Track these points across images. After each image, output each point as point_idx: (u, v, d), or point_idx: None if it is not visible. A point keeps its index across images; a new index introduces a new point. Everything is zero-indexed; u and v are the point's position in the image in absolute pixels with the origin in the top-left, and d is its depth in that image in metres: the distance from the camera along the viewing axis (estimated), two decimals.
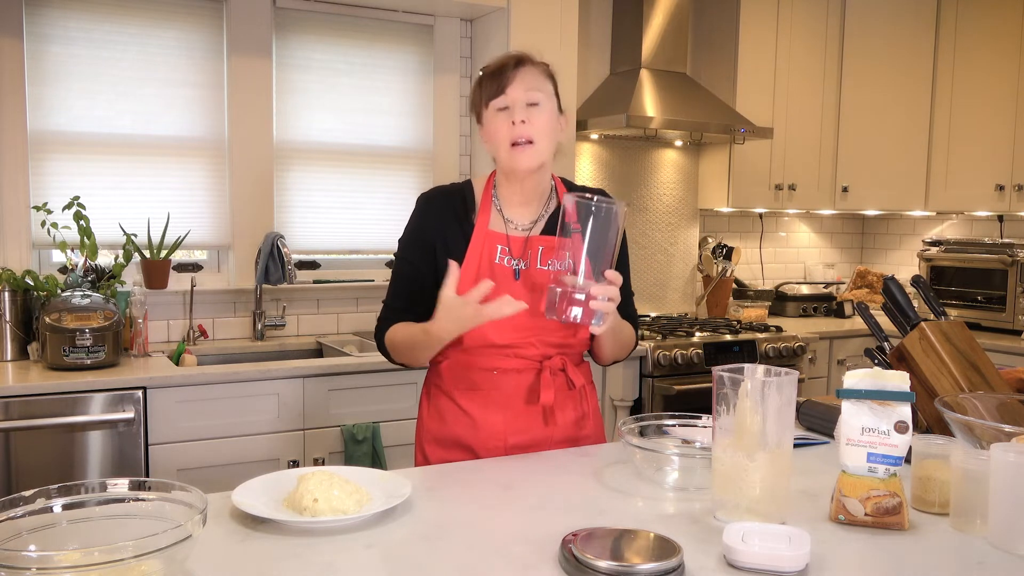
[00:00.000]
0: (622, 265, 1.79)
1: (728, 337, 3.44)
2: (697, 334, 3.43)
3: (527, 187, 1.70)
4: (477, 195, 1.74)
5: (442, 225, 1.71)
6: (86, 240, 2.77)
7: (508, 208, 1.72)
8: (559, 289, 1.48)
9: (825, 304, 4.22)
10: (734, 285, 4.16)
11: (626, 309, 1.80)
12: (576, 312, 1.48)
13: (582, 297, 1.47)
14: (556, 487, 1.43)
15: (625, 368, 3.21)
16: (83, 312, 2.53)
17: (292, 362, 2.72)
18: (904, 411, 1.24)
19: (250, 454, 2.61)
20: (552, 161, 1.71)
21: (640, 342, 3.24)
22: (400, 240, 1.77)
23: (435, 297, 1.64)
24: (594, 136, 3.80)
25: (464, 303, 1.51)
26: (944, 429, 1.50)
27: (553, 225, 1.70)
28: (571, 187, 1.79)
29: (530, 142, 1.62)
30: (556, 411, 1.71)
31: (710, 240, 4.17)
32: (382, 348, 1.77)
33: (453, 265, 1.55)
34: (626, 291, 1.81)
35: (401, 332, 1.70)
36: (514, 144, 1.62)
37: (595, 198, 1.48)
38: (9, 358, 2.65)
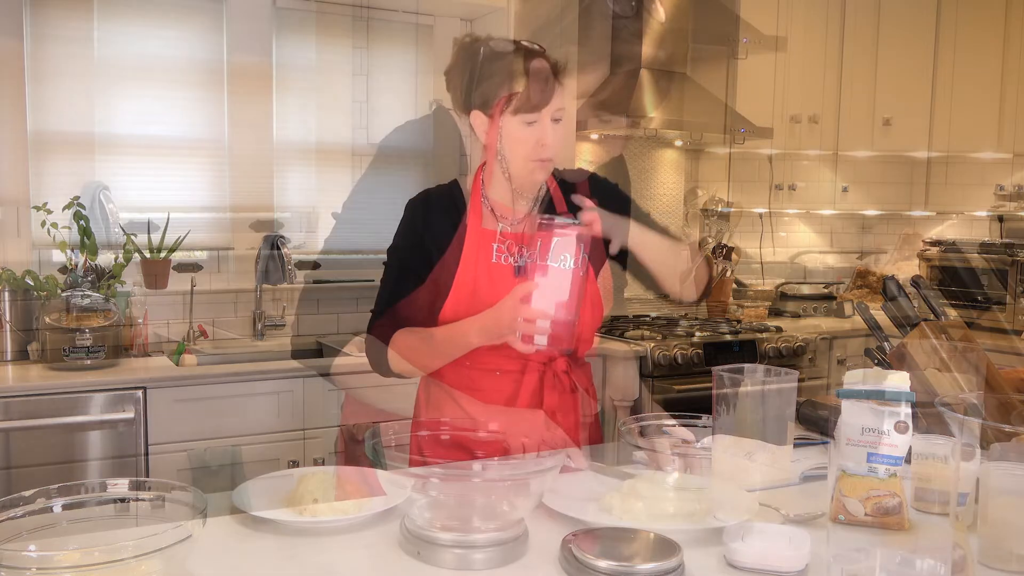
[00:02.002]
0: (636, 212, 1.76)
1: (728, 337, 3.44)
2: (697, 334, 3.42)
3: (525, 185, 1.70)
4: (466, 195, 1.72)
5: (434, 227, 1.69)
6: (86, 240, 2.77)
7: (500, 204, 1.71)
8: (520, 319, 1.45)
9: (825, 304, 4.22)
10: (734, 285, 4.16)
11: (656, 226, 1.76)
12: (539, 339, 1.45)
13: (544, 324, 1.44)
14: (556, 487, 1.43)
15: (625, 368, 3.21)
16: (83, 312, 2.53)
17: (292, 362, 2.72)
18: (904, 411, 1.24)
19: (250, 454, 2.61)
20: None
21: (640, 342, 3.24)
22: (391, 247, 1.74)
23: (431, 302, 1.63)
24: (594, 136, 3.80)
25: (508, 305, 1.47)
26: (944, 429, 1.50)
27: (545, 210, 1.70)
28: (558, 173, 1.77)
29: (550, 160, 1.62)
30: (557, 414, 1.71)
31: (710, 240, 4.17)
32: (379, 356, 1.68)
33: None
34: (650, 220, 1.76)
35: (416, 335, 1.64)
36: (534, 160, 1.61)
37: (555, 218, 1.45)
38: (9, 358, 2.65)
